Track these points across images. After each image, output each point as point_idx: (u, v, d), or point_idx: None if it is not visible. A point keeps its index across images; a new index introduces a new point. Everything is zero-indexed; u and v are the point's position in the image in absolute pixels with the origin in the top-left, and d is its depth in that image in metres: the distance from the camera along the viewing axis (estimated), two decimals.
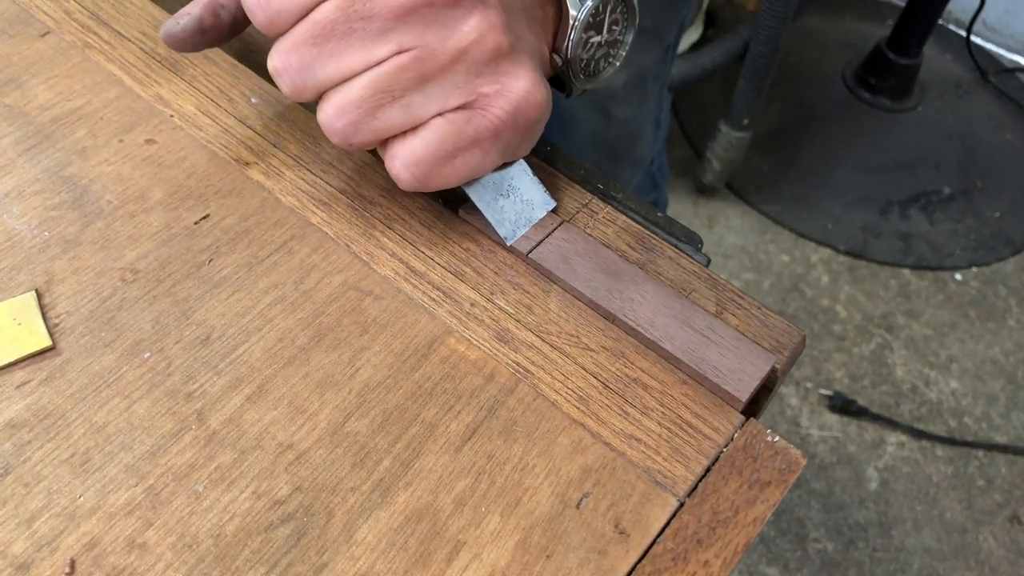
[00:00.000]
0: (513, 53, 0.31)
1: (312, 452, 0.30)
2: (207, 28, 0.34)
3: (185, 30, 0.34)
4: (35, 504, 0.29)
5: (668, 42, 0.76)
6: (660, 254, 0.36)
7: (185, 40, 0.34)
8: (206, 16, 0.34)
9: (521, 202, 0.35)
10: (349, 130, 0.31)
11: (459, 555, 0.28)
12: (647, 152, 0.84)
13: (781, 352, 0.33)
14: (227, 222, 0.36)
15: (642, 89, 0.76)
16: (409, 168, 0.32)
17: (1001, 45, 1.89)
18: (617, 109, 0.76)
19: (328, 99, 0.31)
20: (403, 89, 0.30)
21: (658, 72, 0.77)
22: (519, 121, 0.32)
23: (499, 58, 0.31)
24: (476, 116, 0.31)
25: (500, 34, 0.30)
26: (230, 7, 0.34)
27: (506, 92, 0.31)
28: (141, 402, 0.31)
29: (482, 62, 0.31)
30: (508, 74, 0.31)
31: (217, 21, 0.34)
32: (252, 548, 0.28)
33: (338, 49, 0.30)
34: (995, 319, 1.47)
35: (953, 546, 1.23)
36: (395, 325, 0.34)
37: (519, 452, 0.31)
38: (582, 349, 0.33)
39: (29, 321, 0.32)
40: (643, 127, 0.80)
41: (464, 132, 0.31)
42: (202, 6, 0.34)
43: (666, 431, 0.31)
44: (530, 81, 0.32)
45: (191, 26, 0.34)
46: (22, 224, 0.35)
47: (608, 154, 0.79)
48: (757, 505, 0.30)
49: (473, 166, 0.33)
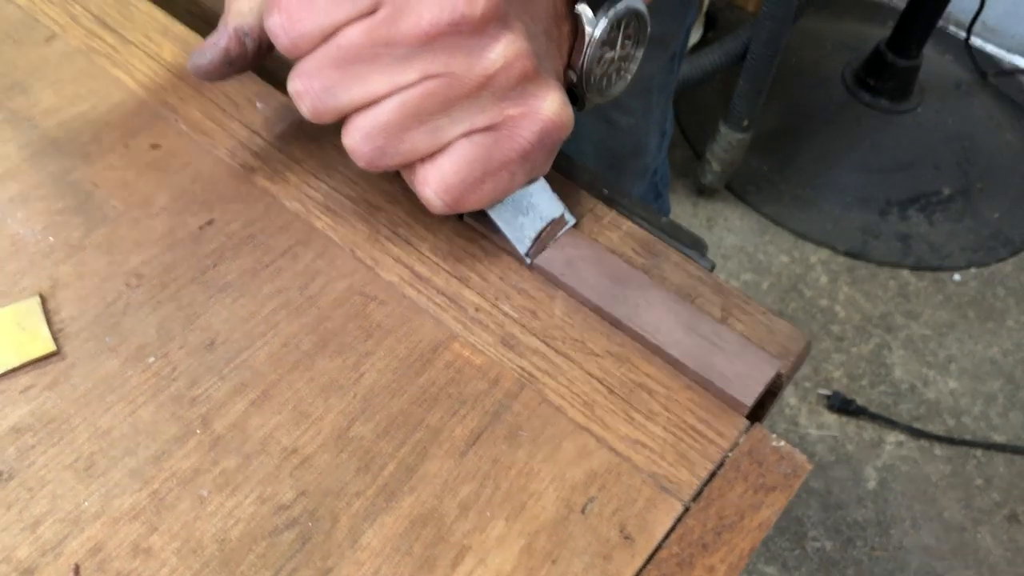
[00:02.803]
0: (538, 76, 0.31)
1: (317, 457, 0.30)
2: (234, 58, 0.34)
3: (212, 62, 0.34)
4: (39, 509, 0.29)
5: (674, 50, 0.75)
6: (665, 259, 0.36)
7: (212, 72, 0.34)
8: (232, 46, 0.34)
9: (540, 219, 0.35)
10: (376, 154, 0.31)
11: (464, 560, 0.28)
12: (651, 161, 0.83)
13: (786, 357, 0.33)
14: (232, 227, 0.36)
15: (647, 98, 0.76)
16: (440, 195, 0.32)
17: (1001, 46, 1.89)
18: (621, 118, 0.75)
19: (354, 122, 0.31)
20: (431, 114, 0.30)
21: (664, 81, 0.77)
22: (546, 142, 0.32)
23: (526, 82, 0.31)
24: (504, 139, 0.32)
25: (526, 59, 0.30)
26: (254, 35, 0.34)
27: (533, 114, 0.32)
28: (145, 407, 0.31)
29: (509, 87, 0.31)
30: (535, 96, 0.31)
31: (243, 50, 0.34)
32: (257, 553, 0.28)
33: (362, 73, 0.30)
34: (994, 319, 1.47)
35: (951, 545, 1.23)
36: (400, 330, 0.34)
37: (524, 457, 0.31)
38: (587, 354, 0.33)
39: (33, 326, 0.32)
40: (647, 136, 0.80)
41: (492, 156, 0.32)
42: (227, 37, 0.34)
43: (671, 436, 0.32)
44: (558, 102, 0.32)
45: (218, 58, 0.34)
46: (27, 229, 0.35)
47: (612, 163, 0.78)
48: (762, 510, 0.30)
49: (501, 188, 0.33)
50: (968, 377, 1.40)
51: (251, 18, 0.34)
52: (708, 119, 1.54)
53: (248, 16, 0.34)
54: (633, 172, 0.82)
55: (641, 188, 0.85)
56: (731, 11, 1.87)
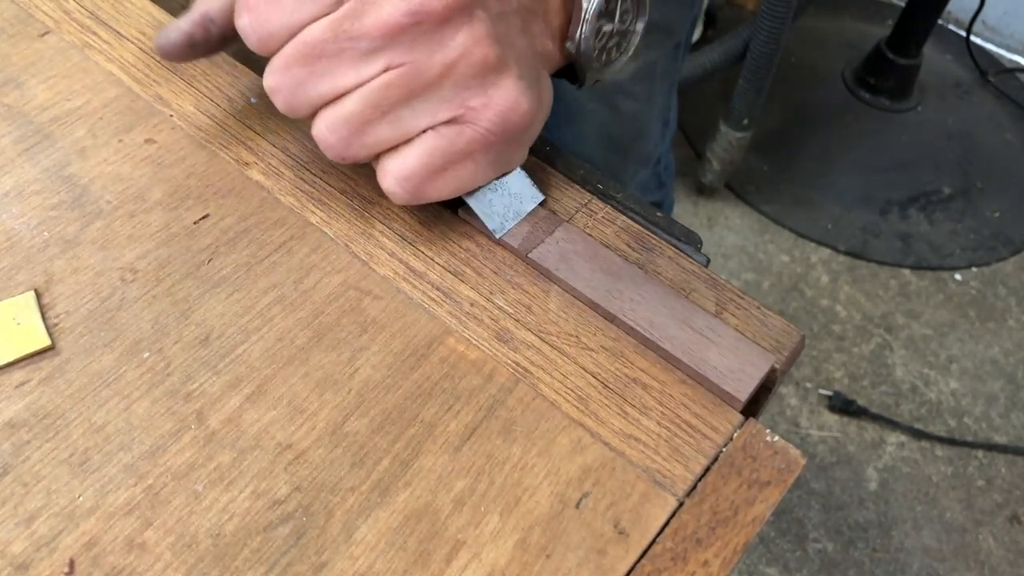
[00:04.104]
0: (500, 64, 0.31)
1: (311, 452, 0.30)
2: (197, 42, 0.35)
3: (175, 44, 0.35)
4: (34, 504, 0.29)
5: (679, 39, 0.75)
6: (659, 254, 0.36)
7: (174, 53, 0.36)
8: (196, 31, 0.35)
9: (509, 195, 0.36)
10: (341, 145, 0.32)
11: (458, 555, 0.28)
12: (654, 150, 0.83)
13: (780, 352, 0.33)
14: (226, 222, 0.36)
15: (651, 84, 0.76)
16: (400, 183, 0.32)
17: (1001, 45, 1.89)
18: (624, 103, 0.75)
19: (321, 116, 0.32)
20: (392, 104, 0.31)
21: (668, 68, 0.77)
22: (508, 132, 0.33)
23: (486, 71, 0.31)
24: (466, 130, 0.32)
25: (487, 47, 0.31)
26: (220, 22, 0.35)
27: (493, 105, 0.32)
28: (140, 402, 0.31)
29: (469, 76, 0.31)
30: (495, 85, 0.32)
31: (207, 35, 0.35)
32: (251, 548, 0.28)
33: (329, 68, 0.31)
34: (995, 319, 1.47)
35: (953, 546, 1.23)
36: (394, 325, 0.34)
37: (518, 452, 0.31)
38: (581, 349, 0.33)
39: (28, 321, 0.32)
40: (650, 123, 0.80)
41: (454, 146, 0.32)
42: (192, 21, 0.35)
43: (665, 431, 0.31)
44: (515, 91, 0.32)
45: (181, 40, 0.35)
46: (21, 224, 0.35)
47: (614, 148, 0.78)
48: (756, 505, 0.30)
49: (465, 179, 0.33)
50: (969, 377, 1.40)
51: (219, 3, 0.35)
52: (708, 118, 1.54)
53: (216, 1, 0.35)
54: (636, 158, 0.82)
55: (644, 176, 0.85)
56: (730, 9, 1.87)
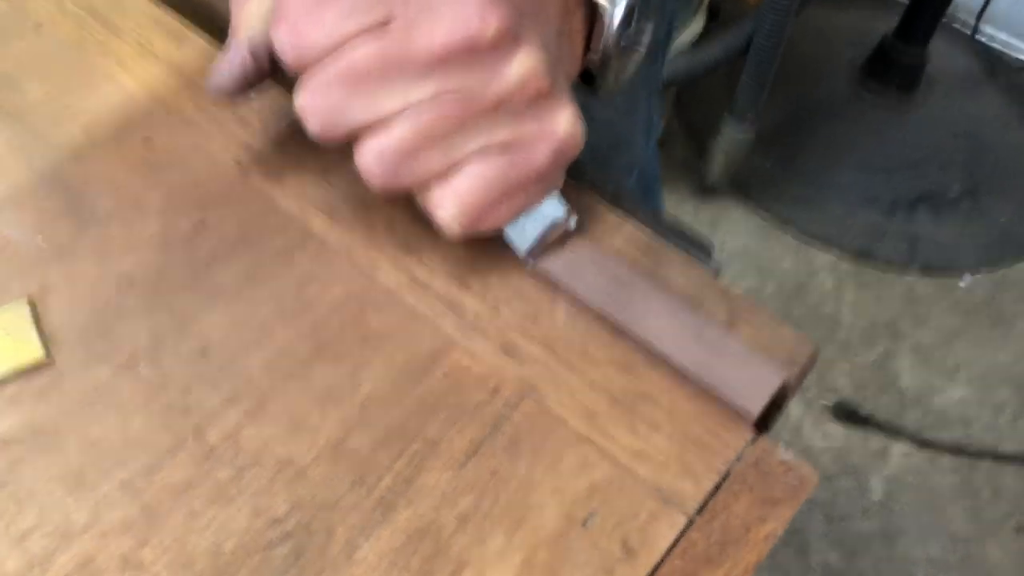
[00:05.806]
0: (553, 92, 0.31)
1: (312, 469, 0.30)
2: (250, 73, 0.33)
3: (232, 81, 0.33)
4: (28, 522, 0.28)
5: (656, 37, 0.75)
6: (669, 263, 0.35)
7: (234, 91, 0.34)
8: (248, 63, 0.33)
9: (542, 218, 0.35)
10: (390, 176, 0.30)
11: (462, 575, 0.28)
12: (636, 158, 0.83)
13: (793, 366, 0.33)
14: (225, 228, 0.35)
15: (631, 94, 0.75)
16: (457, 218, 0.31)
17: (1009, 39, 1.87)
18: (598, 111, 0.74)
19: (365, 143, 0.30)
20: (444, 133, 0.30)
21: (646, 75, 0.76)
22: (560, 161, 0.32)
23: (540, 99, 0.30)
24: (519, 159, 0.31)
25: (542, 78, 0.30)
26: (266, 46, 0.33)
27: (549, 133, 0.31)
28: (137, 417, 0.30)
29: (524, 104, 0.30)
30: (550, 112, 0.31)
31: (258, 64, 0.33)
32: (250, 567, 0.28)
33: (372, 92, 0.29)
34: (1003, 324, 1.46)
35: (959, 557, 1.22)
36: (398, 337, 0.33)
37: (524, 469, 0.30)
38: (589, 362, 0.33)
39: (22, 332, 0.31)
40: (633, 132, 0.79)
41: (509, 177, 0.31)
42: (241, 54, 0.33)
43: (675, 447, 0.31)
44: (571, 119, 0.31)
45: (237, 75, 0.33)
46: (15, 230, 0.35)
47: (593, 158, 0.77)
48: (768, 523, 0.29)
49: (516, 209, 0.33)
50: (976, 385, 1.39)
51: (260, 26, 0.33)
52: (711, 115, 1.53)
53: (257, 26, 0.33)
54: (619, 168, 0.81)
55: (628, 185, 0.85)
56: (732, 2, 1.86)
